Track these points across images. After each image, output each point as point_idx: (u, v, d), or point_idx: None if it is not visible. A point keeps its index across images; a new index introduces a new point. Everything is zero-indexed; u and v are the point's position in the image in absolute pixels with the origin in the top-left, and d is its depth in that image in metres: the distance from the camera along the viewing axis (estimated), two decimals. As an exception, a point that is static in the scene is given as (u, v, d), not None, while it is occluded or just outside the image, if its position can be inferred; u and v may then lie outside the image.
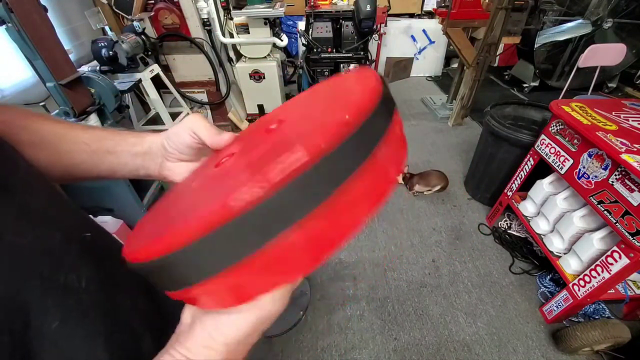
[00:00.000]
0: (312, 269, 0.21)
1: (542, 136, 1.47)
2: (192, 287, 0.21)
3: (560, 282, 1.53)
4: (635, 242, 1.03)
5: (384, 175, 0.22)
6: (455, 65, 3.70)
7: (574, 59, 3.29)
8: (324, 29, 2.77)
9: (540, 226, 1.55)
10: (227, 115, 2.92)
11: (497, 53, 3.38)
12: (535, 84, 3.68)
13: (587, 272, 1.22)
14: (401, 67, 4.11)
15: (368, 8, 2.40)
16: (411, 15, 4.06)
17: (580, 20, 3.18)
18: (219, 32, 2.56)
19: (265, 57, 2.75)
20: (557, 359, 1.33)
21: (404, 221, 2.01)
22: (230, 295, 0.22)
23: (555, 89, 3.49)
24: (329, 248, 0.21)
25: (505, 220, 1.93)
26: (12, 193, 0.26)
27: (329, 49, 2.76)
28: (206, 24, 2.49)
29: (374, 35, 2.79)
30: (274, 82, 2.83)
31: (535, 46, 3.29)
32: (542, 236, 1.54)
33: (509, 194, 1.77)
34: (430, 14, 3.97)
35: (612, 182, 1.10)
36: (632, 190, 1.03)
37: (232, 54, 2.79)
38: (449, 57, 4.29)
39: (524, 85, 3.78)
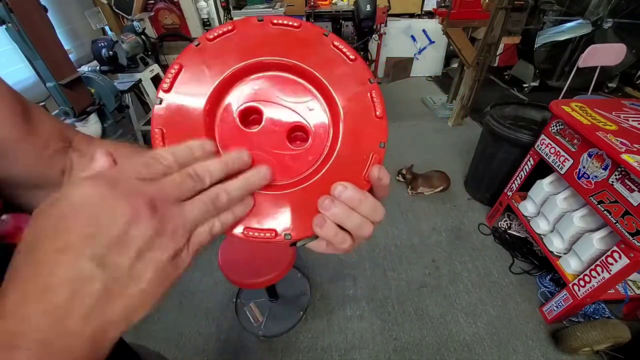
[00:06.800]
0: None
1: (542, 136, 1.47)
2: None
3: (560, 282, 1.53)
4: (635, 242, 1.03)
5: None
6: (455, 65, 3.70)
7: (574, 59, 3.29)
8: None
9: (540, 226, 1.55)
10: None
11: (497, 53, 3.38)
12: (535, 84, 3.68)
13: (587, 272, 1.22)
14: (401, 67, 4.11)
15: (368, 8, 2.40)
16: (411, 15, 4.05)
17: (580, 20, 3.18)
18: (219, 32, 2.56)
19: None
20: (557, 359, 1.33)
21: (404, 221, 2.01)
22: None
23: (555, 89, 3.49)
24: None
25: (505, 220, 1.93)
26: None
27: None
28: (206, 24, 2.50)
29: (374, 35, 2.80)
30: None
31: (535, 46, 3.29)
32: (542, 236, 1.54)
33: (509, 194, 1.77)
34: (430, 14, 3.97)
35: (612, 182, 1.10)
36: (632, 190, 1.03)
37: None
38: (449, 57, 4.29)
39: (524, 85, 3.78)
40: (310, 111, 0.29)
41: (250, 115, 0.29)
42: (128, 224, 0.19)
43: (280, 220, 0.27)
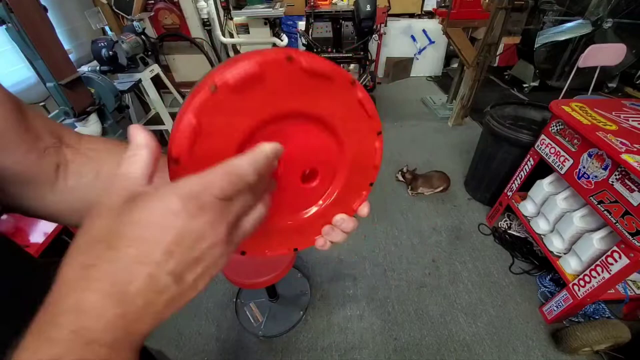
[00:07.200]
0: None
1: (542, 136, 1.47)
2: None
3: (560, 282, 1.53)
4: (635, 242, 1.03)
5: None
6: (455, 65, 3.70)
7: (574, 59, 3.29)
8: (324, 29, 2.78)
9: (540, 226, 1.55)
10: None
11: (497, 53, 3.38)
12: (535, 84, 3.68)
13: (587, 272, 1.22)
14: (401, 67, 4.11)
15: (368, 8, 2.40)
16: (411, 15, 4.05)
17: (580, 20, 3.18)
18: (219, 32, 2.56)
19: (265, 57, 2.76)
20: (557, 359, 1.33)
21: (404, 221, 2.01)
22: None
23: (555, 89, 3.49)
24: None
25: (505, 220, 1.93)
26: None
27: (329, 49, 2.76)
28: (206, 24, 2.50)
29: (374, 35, 2.79)
30: (274, 82, 2.83)
31: (535, 46, 3.29)
32: (542, 236, 1.54)
33: (509, 194, 1.77)
34: (430, 14, 3.97)
35: (612, 182, 1.10)
36: (632, 190, 1.03)
37: (232, 54, 2.79)
38: (449, 57, 4.30)
39: (524, 85, 3.78)
40: (323, 155, 0.31)
41: None
42: (207, 248, 0.21)
43: (291, 240, 0.35)
